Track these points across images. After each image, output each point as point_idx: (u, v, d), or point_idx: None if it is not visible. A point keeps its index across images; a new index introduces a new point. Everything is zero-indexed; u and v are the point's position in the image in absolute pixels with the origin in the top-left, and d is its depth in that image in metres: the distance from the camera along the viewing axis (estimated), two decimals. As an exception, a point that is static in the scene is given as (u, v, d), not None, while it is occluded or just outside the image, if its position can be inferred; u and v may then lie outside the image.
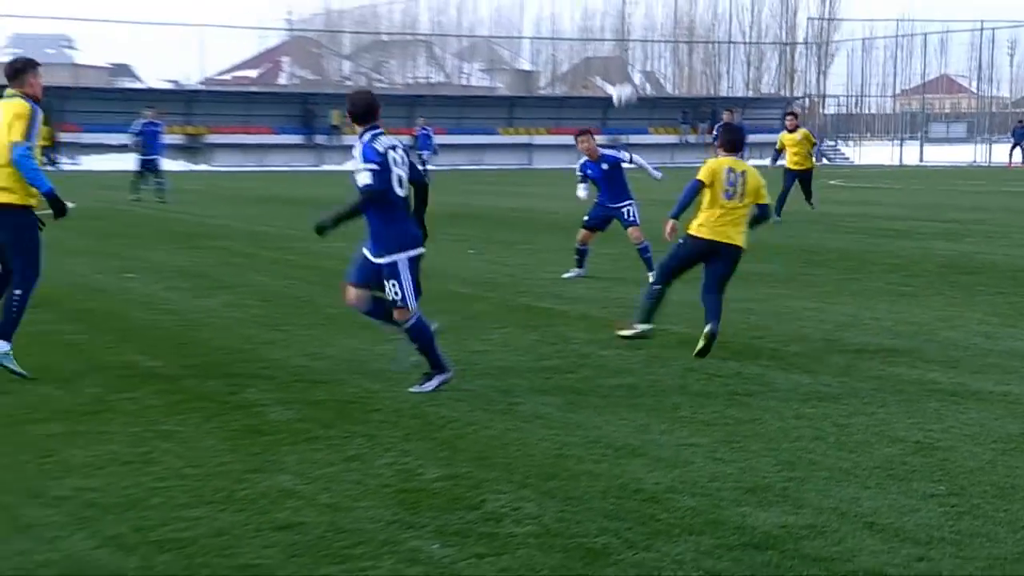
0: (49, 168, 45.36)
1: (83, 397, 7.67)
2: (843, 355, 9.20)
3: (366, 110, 7.86)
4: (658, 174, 14.32)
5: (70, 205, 8.48)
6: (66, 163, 47.40)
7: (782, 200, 22.18)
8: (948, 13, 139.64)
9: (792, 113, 24.67)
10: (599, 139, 14.59)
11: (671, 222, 9.70)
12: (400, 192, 7.89)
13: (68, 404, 7.48)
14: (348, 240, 19.92)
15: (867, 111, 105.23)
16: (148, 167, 28.64)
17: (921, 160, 66.07)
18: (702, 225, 9.66)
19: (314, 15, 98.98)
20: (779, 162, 23.07)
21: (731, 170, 9.69)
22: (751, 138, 39.52)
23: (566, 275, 14.03)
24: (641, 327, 9.87)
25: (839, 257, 16.38)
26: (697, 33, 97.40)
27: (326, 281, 13.59)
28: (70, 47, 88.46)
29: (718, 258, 9.68)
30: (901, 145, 69.33)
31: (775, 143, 23.81)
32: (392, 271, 7.88)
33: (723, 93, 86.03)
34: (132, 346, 9.51)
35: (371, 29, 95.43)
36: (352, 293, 8.09)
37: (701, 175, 9.64)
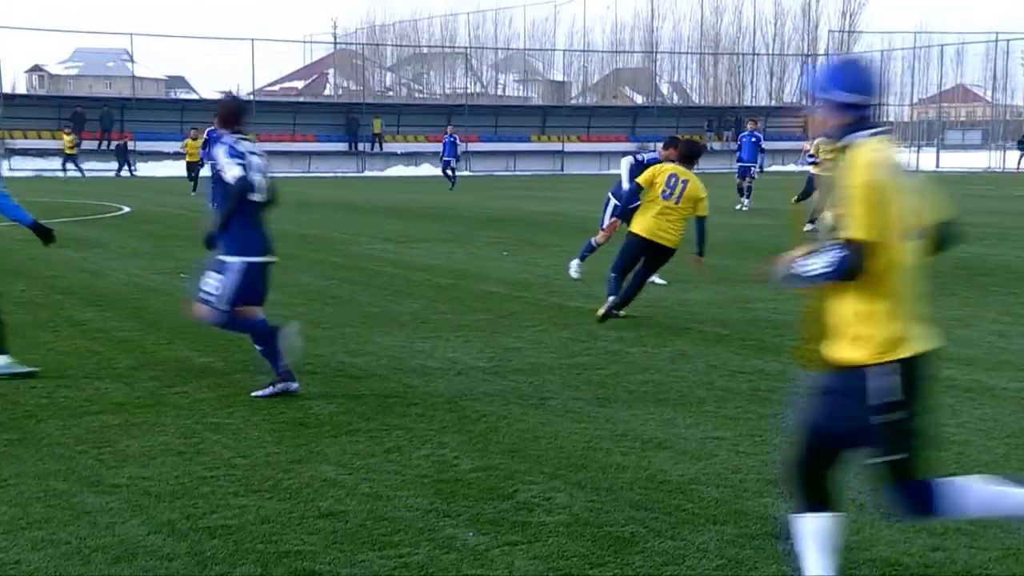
0: (76, 174, 45.63)
1: (138, 391, 7.71)
2: (862, 353, 9.12)
3: (232, 115, 7.67)
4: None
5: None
6: (71, 171, 46.74)
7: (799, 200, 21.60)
8: (963, 25, 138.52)
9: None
10: (628, 147, 14.47)
11: (615, 221, 11.61)
12: (255, 196, 7.58)
13: (124, 397, 7.52)
14: (390, 242, 19.87)
15: (885, 119, 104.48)
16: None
17: (937, 166, 65.53)
18: (640, 224, 10.72)
19: (358, 29, 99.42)
20: (811, 162, 21.95)
21: (674, 175, 10.66)
22: (772, 145, 39.27)
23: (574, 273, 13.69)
24: (611, 300, 10.64)
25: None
26: (722, 45, 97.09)
27: (367, 281, 13.62)
28: (129, 60, 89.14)
29: (653, 256, 10.74)
30: (918, 152, 68.76)
31: (799, 150, 23.42)
32: (222, 267, 7.51)
33: (747, 103, 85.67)
34: (184, 342, 9.55)
35: (412, 42, 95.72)
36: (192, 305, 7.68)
37: (640, 179, 10.82)
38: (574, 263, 13.73)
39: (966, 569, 4.58)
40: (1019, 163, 57.84)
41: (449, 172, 39.48)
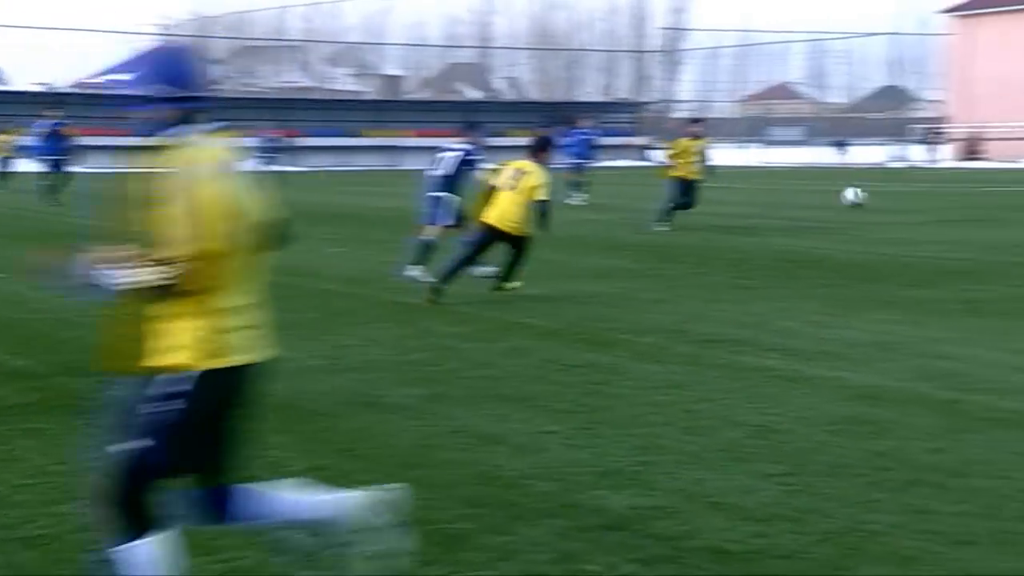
0: None
1: (-51, 397, 7.35)
2: (691, 345, 9.34)
3: None
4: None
5: None
6: None
7: (674, 208, 20.51)
8: (787, 25, 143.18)
9: (698, 120, 22.60)
10: (461, 143, 14.13)
11: (451, 226, 12.67)
12: None
13: (-67, 404, 7.16)
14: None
15: (714, 115, 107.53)
16: (56, 167, 27.68)
17: (763, 162, 67.63)
18: (489, 214, 11.84)
19: (186, 20, 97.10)
20: (665, 164, 20.95)
21: (517, 170, 11.95)
22: (606, 141, 39.83)
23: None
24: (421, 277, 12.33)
25: (688, 253, 16.62)
26: (556, 40, 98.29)
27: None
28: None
29: (501, 241, 11.85)
30: (745, 148, 70.88)
31: (628, 146, 23.21)
32: None
33: (580, 98, 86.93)
34: None
35: (242, 35, 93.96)
36: None
37: (492, 180, 12.11)
38: (416, 271, 13.25)
39: (788, 553, 4.72)
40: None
41: (271, 169, 38.80)
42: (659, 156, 21.38)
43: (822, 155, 67.86)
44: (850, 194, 16.13)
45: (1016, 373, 8.10)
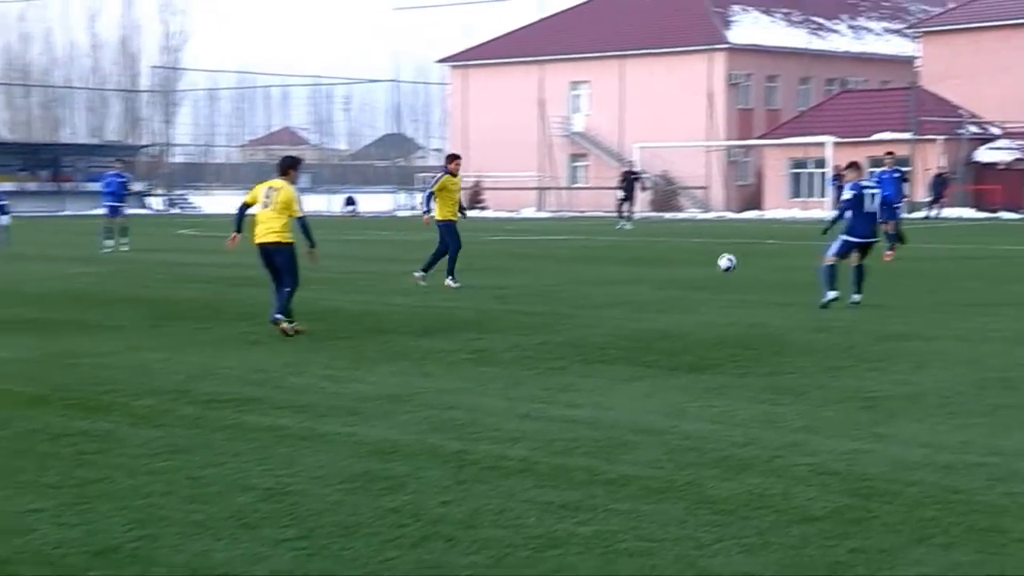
0: None
1: None
2: (195, 406, 9.20)
3: None
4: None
5: None
6: None
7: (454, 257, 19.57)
8: (288, 68, 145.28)
9: (458, 156, 20.59)
10: None
11: (235, 235, 13.59)
12: None
13: None
14: None
15: (216, 161, 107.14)
16: None
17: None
18: (256, 234, 13.09)
19: None
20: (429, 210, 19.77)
21: (270, 188, 13.25)
22: (95, 186, 38.58)
23: None
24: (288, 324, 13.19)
25: (191, 307, 16.37)
26: (33, 76, 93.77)
27: None
28: None
29: (273, 256, 13.20)
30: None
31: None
32: None
33: (65, 139, 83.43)
34: None
35: None
36: None
37: (247, 198, 13.52)
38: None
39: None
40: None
41: None
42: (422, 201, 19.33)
43: (329, 203, 69.36)
44: (724, 262, 17.13)
45: (522, 421, 8.67)
